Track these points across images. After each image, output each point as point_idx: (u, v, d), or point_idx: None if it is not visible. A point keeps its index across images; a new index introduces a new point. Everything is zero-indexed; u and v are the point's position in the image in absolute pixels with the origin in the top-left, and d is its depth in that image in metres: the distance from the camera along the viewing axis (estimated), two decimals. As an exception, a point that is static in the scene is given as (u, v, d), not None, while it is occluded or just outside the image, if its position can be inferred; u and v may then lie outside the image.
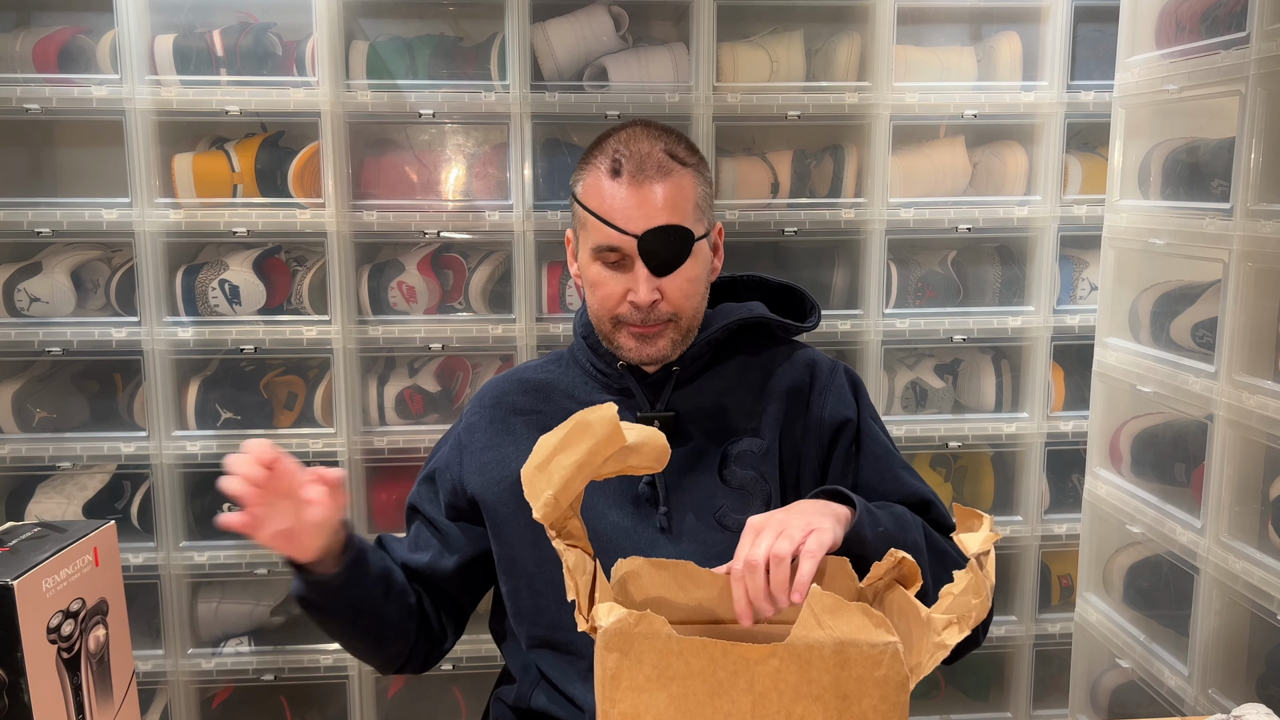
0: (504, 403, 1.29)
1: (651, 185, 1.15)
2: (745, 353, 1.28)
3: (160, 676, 2.07)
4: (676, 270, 1.16)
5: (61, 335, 1.97)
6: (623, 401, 1.24)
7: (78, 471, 2.06)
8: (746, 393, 1.25)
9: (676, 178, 1.17)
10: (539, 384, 1.29)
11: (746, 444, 1.23)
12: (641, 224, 1.14)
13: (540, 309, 2.07)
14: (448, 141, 2.19)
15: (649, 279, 1.15)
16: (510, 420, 1.27)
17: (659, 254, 1.15)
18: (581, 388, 1.27)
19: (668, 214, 1.15)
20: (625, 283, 1.17)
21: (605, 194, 1.16)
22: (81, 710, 0.97)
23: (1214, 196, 1.62)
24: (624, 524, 1.21)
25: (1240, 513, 1.56)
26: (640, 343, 1.19)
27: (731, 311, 1.27)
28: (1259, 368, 1.52)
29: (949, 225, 2.09)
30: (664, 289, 1.17)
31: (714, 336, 1.24)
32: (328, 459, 2.05)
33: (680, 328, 1.20)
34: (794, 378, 1.26)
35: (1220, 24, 1.59)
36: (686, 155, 1.20)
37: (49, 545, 0.95)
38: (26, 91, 1.91)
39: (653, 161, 1.16)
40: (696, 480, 1.22)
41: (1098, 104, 2.05)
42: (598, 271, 1.19)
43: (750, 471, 1.22)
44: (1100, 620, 1.91)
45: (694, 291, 1.19)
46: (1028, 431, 2.15)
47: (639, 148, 1.17)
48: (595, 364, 1.26)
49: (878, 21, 2.03)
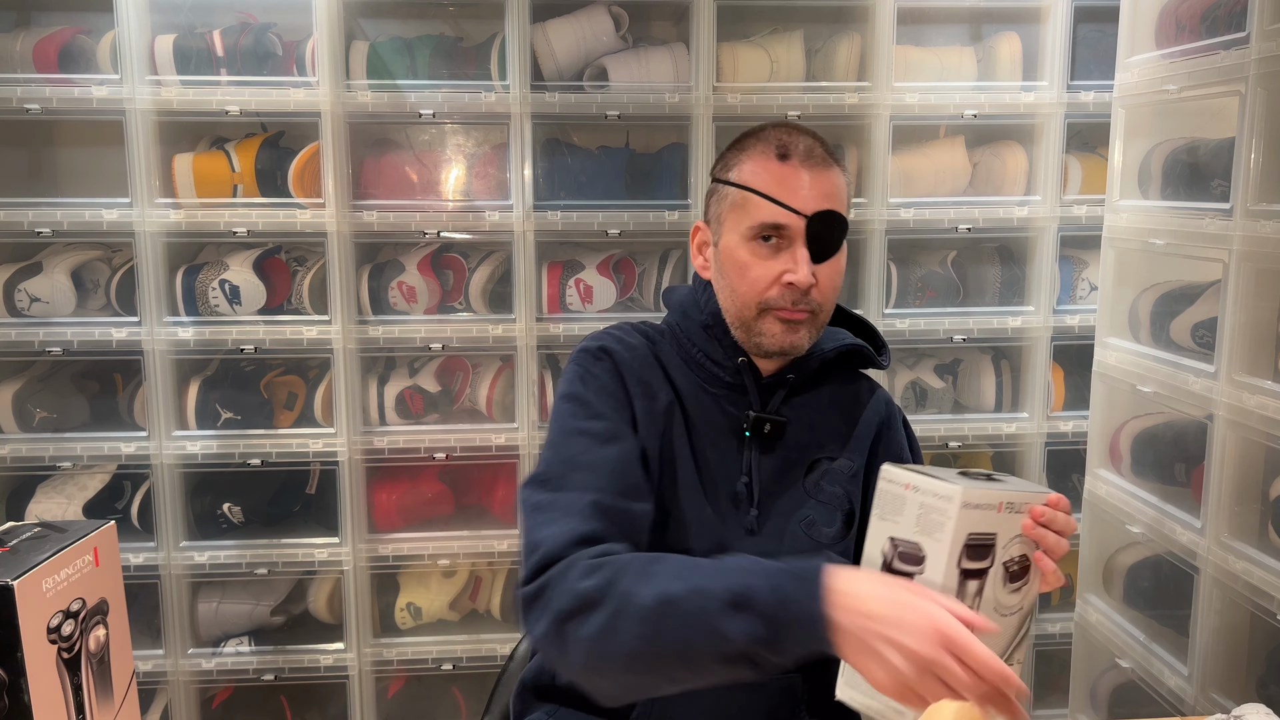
0: (638, 356, 1.22)
1: (818, 171, 1.18)
2: (838, 377, 1.31)
3: (160, 676, 2.07)
4: (831, 259, 1.19)
5: (61, 335, 1.97)
6: (730, 396, 1.24)
7: (78, 471, 2.06)
8: (839, 415, 1.28)
9: (837, 171, 1.20)
10: (655, 356, 1.24)
11: (837, 463, 1.26)
12: (812, 205, 1.16)
13: (540, 309, 2.07)
14: (448, 141, 2.19)
15: (809, 261, 1.17)
16: (644, 367, 1.22)
17: (823, 237, 1.17)
18: (682, 372, 1.23)
19: (833, 201, 1.18)
20: (782, 264, 1.17)
21: (775, 174, 1.18)
22: (81, 710, 0.97)
23: (1214, 196, 1.62)
24: (718, 517, 1.22)
25: (1240, 513, 1.56)
26: (785, 329, 1.19)
27: (835, 335, 1.29)
28: (1259, 368, 1.52)
29: (949, 225, 2.09)
30: (818, 276, 1.18)
31: (827, 355, 1.27)
32: (328, 459, 2.05)
33: (818, 323, 1.21)
34: (879, 410, 1.30)
35: (1220, 24, 1.59)
36: (839, 158, 1.23)
37: (49, 545, 0.95)
38: (26, 91, 1.91)
39: (818, 152, 1.19)
40: (786, 488, 1.24)
41: (1098, 104, 2.05)
42: (752, 251, 1.18)
43: (838, 489, 1.24)
44: (1100, 620, 1.91)
45: (838, 284, 1.22)
46: (1028, 431, 2.15)
47: (802, 139, 1.20)
48: (711, 353, 1.24)
49: (878, 21, 2.03)
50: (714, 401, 1.23)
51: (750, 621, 0.89)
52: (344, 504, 2.06)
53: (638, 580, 0.94)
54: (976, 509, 0.94)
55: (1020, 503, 0.99)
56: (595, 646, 0.93)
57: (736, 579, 0.91)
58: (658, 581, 0.93)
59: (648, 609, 0.92)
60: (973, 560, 0.95)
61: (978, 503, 0.93)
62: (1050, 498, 1.01)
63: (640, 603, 0.92)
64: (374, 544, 2.09)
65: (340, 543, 2.06)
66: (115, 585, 1.02)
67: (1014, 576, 1.01)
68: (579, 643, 0.94)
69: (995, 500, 0.95)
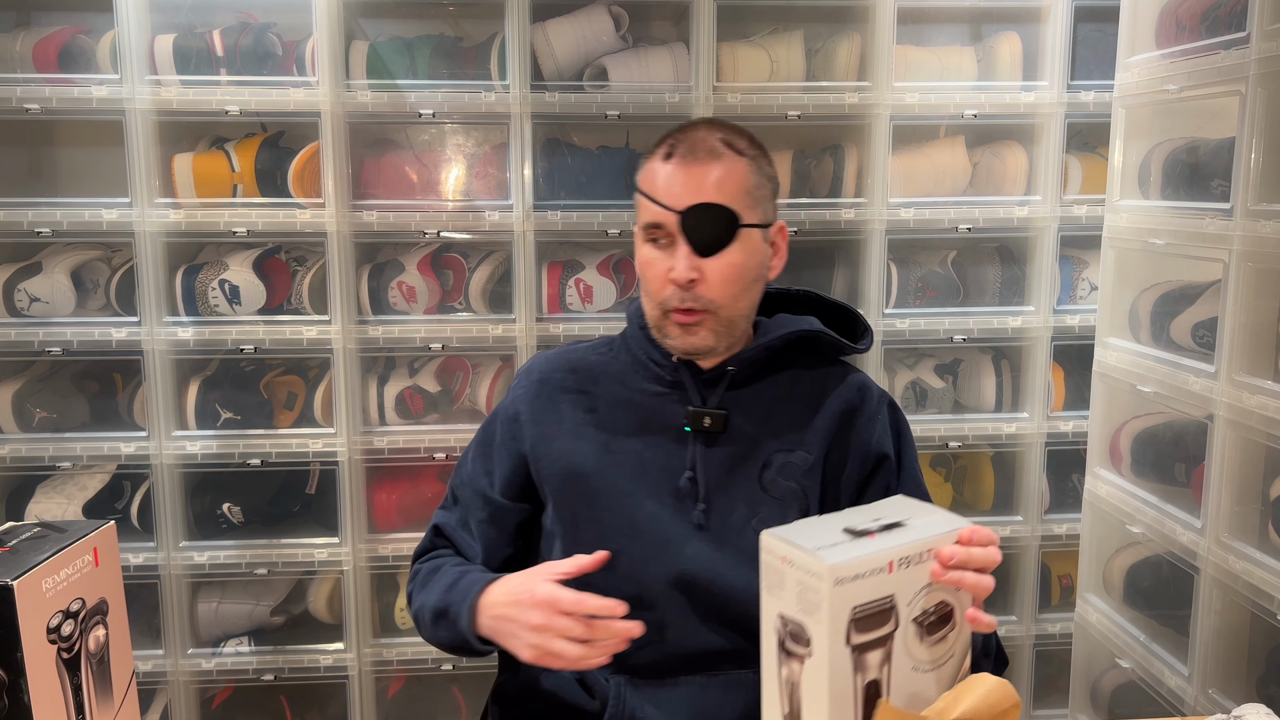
0: (551, 381, 1.29)
1: (699, 165, 1.17)
2: (799, 366, 1.28)
3: (160, 676, 2.07)
4: (719, 253, 1.17)
5: (61, 335, 1.97)
6: (673, 395, 1.25)
7: (78, 471, 2.06)
8: (798, 406, 1.26)
9: (728, 162, 1.18)
10: (589, 367, 1.30)
11: (793, 456, 1.23)
12: (684, 201, 1.16)
13: (540, 309, 2.07)
14: (448, 141, 2.19)
15: (689, 256, 1.16)
16: (557, 398, 1.28)
17: (699, 231, 1.16)
18: (632, 375, 1.28)
19: (712, 193, 1.17)
20: (670, 262, 1.18)
21: (656, 174, 1.19)
22: (81, 710, 0.97)
23: (1214, 196, 1.62)
24: (661, 515, 1.21)
25: (1240, 513, 1.56)
26: (683, 331, 1.19)
27: (790, 323, 1.28)
28: (1259, 368, 1.52)
29: (949, 225, 2.09)
30: (705, 271, 1.17)
31: (772, 343, 1.25)
32: (328, 459, 2.05)
33: (721, 320, 1.20)
34: (846, 399, 1.27)
35: (1220, 24, 1.59)
36: (745, 147, 1.22)
37: (49, 545, 0.95)
38: (26, 91, 1.91)
39: (705, 146, 1.19)
40: (738, 483, 1.22)
41: (1098, 104, 2.05)
42: (647, 252, 1.20)
43: (792, 483, 1.22)
44: (1100, 620, 1.91)
45: (735, 278, 1.19)
46: (1028, 431, 2.15)
47: (695, 134, 1.20)
48: (651, 354, 1.26)
49: (878, 21, 2.03)
50: (661, 401, 1.25)
51: (447, 630, 1.19)
52: (344, 504, 2.06)
53: (419, 592, 1.27)
54: (857, 580, 0.84)
55: (923, 550, 0.88)
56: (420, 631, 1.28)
57: (441, 598, 1.20)
58: (423, 595, 1.25)
59: (416, 616, 1.26)
60: (867, 632, 0.86)
61: (857, 573, 0.84)
62: (962, 533, 0.91)
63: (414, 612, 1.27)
64: (374, 544, 2.09)
65: (340, 543, 2.06)
66: (115, 585, 1.02)
67: (933, 628, 0.91)
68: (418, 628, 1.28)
69: (881, 563, 0.85)
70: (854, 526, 0.89)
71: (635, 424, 1.24)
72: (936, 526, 0.91)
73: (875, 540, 0.87)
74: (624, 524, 1.21)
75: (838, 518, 0.91)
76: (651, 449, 1.23)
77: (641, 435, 1.24)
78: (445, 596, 1.19)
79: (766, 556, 0.88)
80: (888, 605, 0.86)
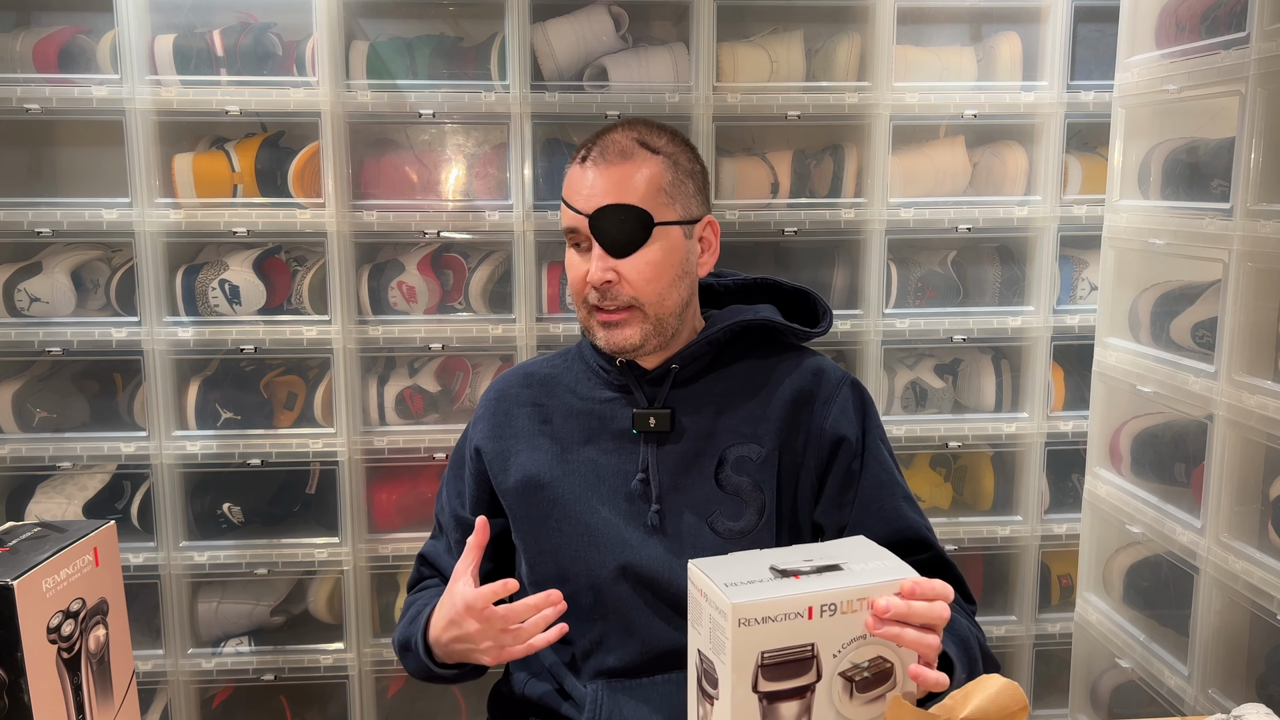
0: (508, 396, 1.32)
1: (609, 168, 1.17)
2: (753, 357, 1.27)
3: (160, 676, 2.07)
4: (635, 253, 1.17)
5: (61, 335, 1.97)
6: (622, 399, 1.25)
7: (78, 471, 2.06)
8: (749, 397, 1.24)
9: (638, 162, 1.18)
10: (543, 378, 1.32)
11: (745, 449, 1.22)
12: (594, 203, 1.17)
13: (540, 309, 2.07)
14: (448, 141, 2.19)
15: (602, 257, 1.17)
16: (513, 413, 1.30)
17: (609, 233, 1.17)
18: (584, 383, 1.29)
19: (620, 194, 1.17)
20: (588, 265, 1.19)
21: (573, 179, 1.20)
22: (81, 710, 0.97)
23: (1214, 196, 1.62)
24: (615, 520, 1.21)
25: (1240, 513, 1.56)
26: (607, 330, 1.20)
27: (738, 313, 1.26)
28: (1259, 368, 1.52)
29: (949, 225, 2.09)
30: (621, 271, 1.18)
31: (715, 336, 1.24)
32: (328, 459, 2.05)
33: (647, 316, 1.19)
34: (799, 385, 1.24)
35: (1220, 24, 1.59)
36: (662, 145, 1.21)
37: (49, 545, 0.95)
38: (26, 91, 1.91)
39: (616, 148, 1.19)
40: (691, 482, 1.22)
41: (1098, 104, 2.05)
42: (570, 256, 1.23)
43: (746, 478, 1.21)
44: (1100, 620, 1.91)
45: (655, 276, 1.18)
46: (1028, 431, 2.15)
47: (609, 137, 1.21)
48: (599, 361, 1.28)
49: (878, 21, 2.03)
50: (610, 406, 1.25)
51: (412, 659, 1.21)
52: (344, 504, 2.06)
53: (400, 624, 1.28)
54: (767, 623, 0.78)
55: (853, 599, 0.81)
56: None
57: (404, 630, 1.24)
58: (398, 628, 1.27)
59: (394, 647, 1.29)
60: (779, 680, 0.80)
61: (766, 615, 0.78)
62: (905, 584, 0.83)
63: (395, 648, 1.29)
64: (374, 544, 2.09)
65: (340, 543, 2.06)
66: (115, 585, 1.02)
67: (866, 685, 0.84)
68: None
69: (797, 607, 0.79)
70: (782, 565, 0.84)
71: (588, 431, 1.25)
72: (876, 574, 0.83)
73: (799, 582, 0.81)
74: (580, 531, 1.22)
75: (772, 554, 0.86)
76: (605, 455, 1.23)
77: (595, 442, 1.24)
78: (405, 630, 1.24)
79: (690, 587, 0.85)
80: (806, 654, 0.81)
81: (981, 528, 2.17)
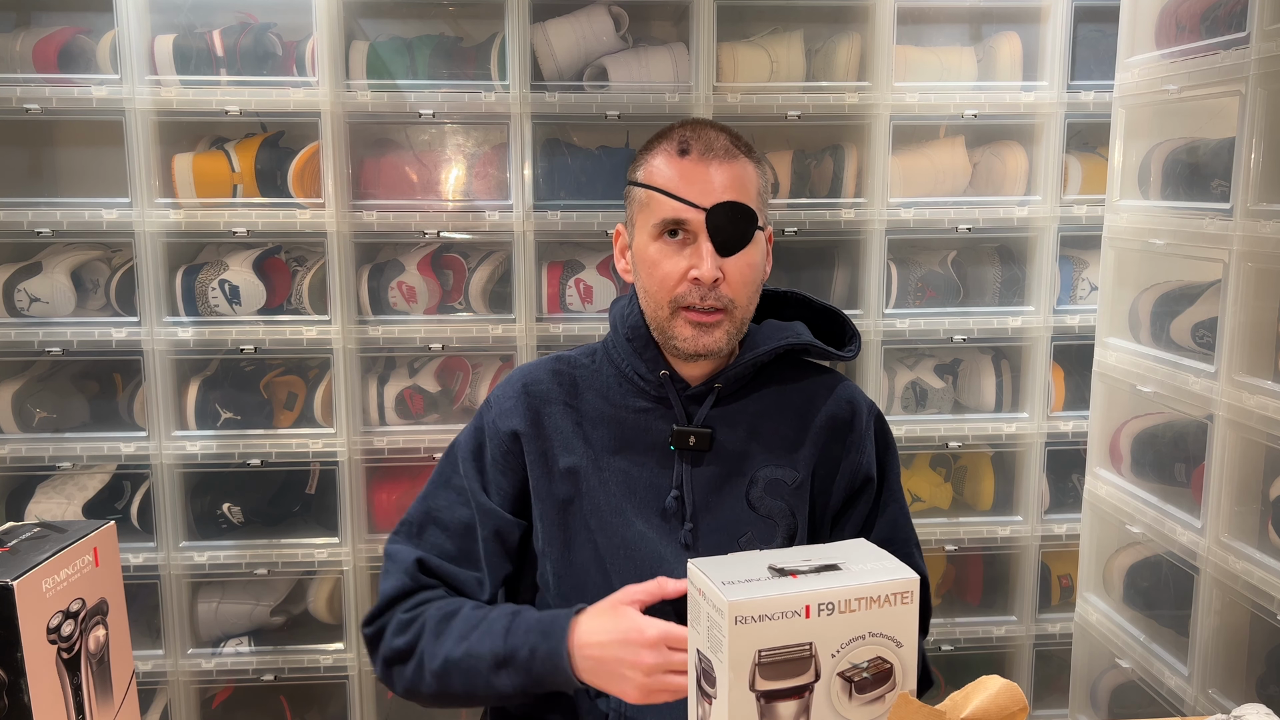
0: (537, 391, 1.26)
1: (720, 164, 1.16)
2: (785, 375, 1.26)
3: (160, 676, 2.07)
4: (739, 252, 1.16)
5: (61, 335, 1.97)
6: (658, 410, 1.22)
7: (78, 471, 2.06)
8: (784, 420, 1.23)
9: (745, 162, 1.18)
10: (571, 377, 1.27)
11: (780, 473, 1.21)
12: (710, 198, 1.14)
13: (540, 309, 2.07)
14: (448, 141, 2.19)
15: (714, 254, 1.14)
16: (544, 410, 1.24)
17: (725, 230, 1.15)
18: (615, 389, 1.24)
19: (735, 192, 1.15)
20: (688, 260, 1.16)
21: (674, 170, 1.17)
22: (81, 710, 0.97)
23: (1214, 196, 1.62)
24: (649, 534, 1.20)
25: (1240, 513, 1.56)
26: (698, 331, 1.17)
27: (778, 331, 1.25)
28: (1259, 368, 1.52)
29: (949, 225, 2.09)
30: (726, 270, 1.15)
31: (760, 359, 1.22)
32: (327, 459, 2.05)
33: (735, 320, 1.18)
34: (834, 413, 1.24)
35: (1220, 24, 1.59)
36: (748, 150, 1.21)
37: (49, 545, 0.95)
38: (26, 91, 1.91)
39: (720, 144, 1.18)
40: (724, 502, 1.21)
41: (1098, 104, 2.05)
42: (659, 249, 1.17)
43: (780, 502, 1.20)
44: (1100, 620, 1.91)
45: (752, 279, 1.18)
46: (1028, 431, 2.15)
47: (706, 133, 1.19)
48: (636, 368, 1.23)
49: (878, 21, 2.03)
50: (645, 417, 1.22)
51: (512, 675, 1.10)
52: (344, 504, 2.05)
53: (432, 640, 1.14)
54: (763, 622, 0.79)
55: (850, 598, 0.81)
56: (410, 687, 1.17)
57: (500, 641, 1.11)
58: (445, 643, 1.14)
59: (436, 670, 1.13)
60: (777, 679, 0.80)
61: (763, 613, 0.79)
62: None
63: (431, 665, 1.14)
64: (374, 544, 2.09)
65: (340, 543, 2.06)
66: (115, 585, 1.02)
67: (865, 686, 0.84)
68: (399, 683, 1.18)
69: (794, 606, 0.80)
70: (780, 564, 0.85)
71: (620, 441, 1.22)
72: (875, 575, 0.84)
73: (796, 581, 0.82)
74: (616, 544, 1.20)
75: (771, 554, 0.87)
76: (637, 467, 1.21)
77: (626, 453, 1.21)
78: (507, 642, 1.11)
79: (689, 587, 0.85)
80: (804, 653, 0.81)
81: (981, 528, 2.17)
